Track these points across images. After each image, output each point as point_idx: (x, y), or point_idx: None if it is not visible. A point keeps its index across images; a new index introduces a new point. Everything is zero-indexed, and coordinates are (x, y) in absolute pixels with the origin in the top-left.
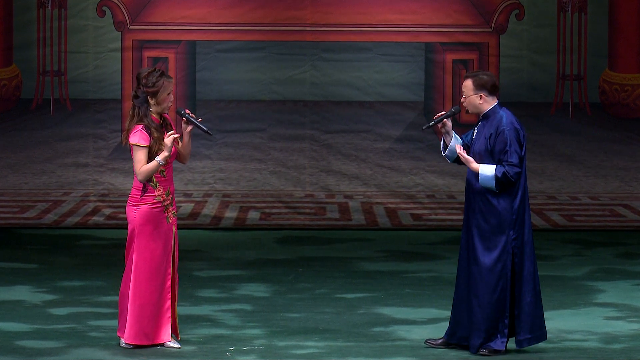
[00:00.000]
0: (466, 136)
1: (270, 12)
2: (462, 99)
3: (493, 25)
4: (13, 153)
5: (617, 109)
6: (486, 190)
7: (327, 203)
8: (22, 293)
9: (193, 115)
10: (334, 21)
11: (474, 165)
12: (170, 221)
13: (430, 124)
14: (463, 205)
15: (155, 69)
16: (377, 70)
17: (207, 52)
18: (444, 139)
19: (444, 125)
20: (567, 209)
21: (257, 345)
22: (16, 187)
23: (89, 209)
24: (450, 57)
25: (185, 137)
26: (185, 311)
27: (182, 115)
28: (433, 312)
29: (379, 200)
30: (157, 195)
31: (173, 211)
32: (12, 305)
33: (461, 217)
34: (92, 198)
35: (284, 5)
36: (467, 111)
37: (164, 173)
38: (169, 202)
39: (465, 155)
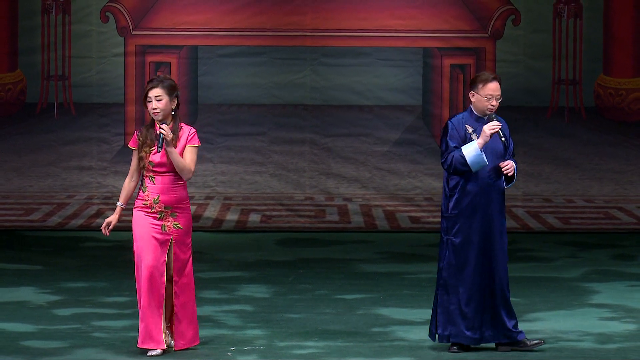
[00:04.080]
0: (455, 141)
1: (271, 17)
2: (495, 103)
3: (490, 30)
4: (18, 156)
5: (611, 113)
6: (505, 187)
7: (326, 206)
8: (27, 294)
9: (163, 130)
10: (333, 26)
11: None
12: (167, 230)
13: (503, 138)
14: None
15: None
16: (376, 74)
17: (209, 57)
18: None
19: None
20: (563, 211)
21: (257, 346)
22: (21, 189)
23: (93, 212)
24: (447, 62)
25: (169, 153)
26: None
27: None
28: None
29: (377, 203)
30: (145, 200)
31: (174, 222)
32: (17, 306)
33: None
34: (95, 201)
35: (284, 10)
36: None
37: (153, 180)
38: (160, 209)
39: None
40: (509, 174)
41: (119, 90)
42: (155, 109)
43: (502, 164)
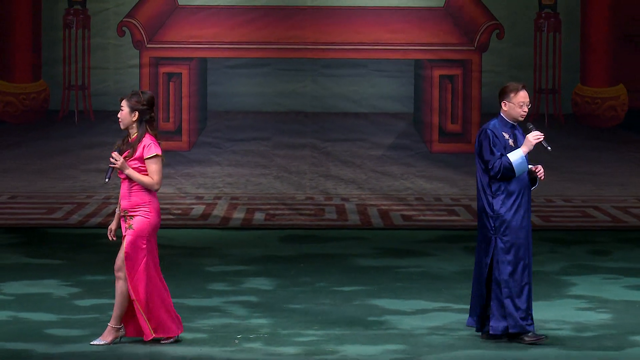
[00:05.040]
0: (499, 148)
1: (274, 31)
2: (526, 109)
3: (476, 44)
4: (41, 160)
5: (588, 120)
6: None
7: (325, 205)
8: (50, 286)
9: (112, 158)
10: (332, 40)
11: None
12: (124, 233)
13: (549, 148)
14: (450, 207)
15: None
16: (371, 84)
17: (217, 68)
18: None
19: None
20: (544, 210)
21: (262, 334)
22: (44, 190)
23: (110, 211)
24: (437, 73)
25: (127, 175)
26: (197, 303)
27: None
28: (422, 304)
29: (372, 202)
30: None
31: (130, 224)
32: (41, 297)
33: (448, 217)
34: (112, 200)
35: (286, 25)
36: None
37: (121, 186)
38: (123, 214)
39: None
40: (541, 178)
41: None
42: (118, 117)
43: (535, 168)
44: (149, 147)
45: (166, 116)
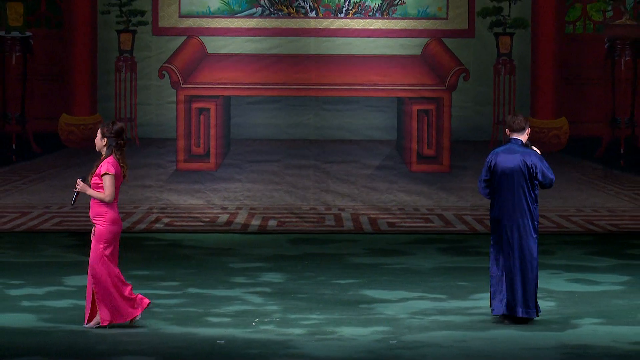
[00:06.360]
0: None
1: (285, 75)
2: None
3: (447, 84)
4: None
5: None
6: None
7: (326, 214)
8: None
9: (77, 185)
10: (331, 81)
11: None
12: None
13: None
14: (426, 215)
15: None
16: (363, 117)
17: (239, 104)
18: None
19: None
20: None
21: (275, 318)
22: None
23: (152, 219)
24: (415, 108)
25: (90, 195)
26: (222, 293)
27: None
28: (403, 294)
29: (363, 212)
30: None
31: (94, 231)
32: None
33: (424, 224)
34: (154, 210)
35: (294, 70)
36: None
37: None
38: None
39: None
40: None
41: (172, 129)
42: (95, 142)
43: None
44: (104, 166)
45: (197, 142)
